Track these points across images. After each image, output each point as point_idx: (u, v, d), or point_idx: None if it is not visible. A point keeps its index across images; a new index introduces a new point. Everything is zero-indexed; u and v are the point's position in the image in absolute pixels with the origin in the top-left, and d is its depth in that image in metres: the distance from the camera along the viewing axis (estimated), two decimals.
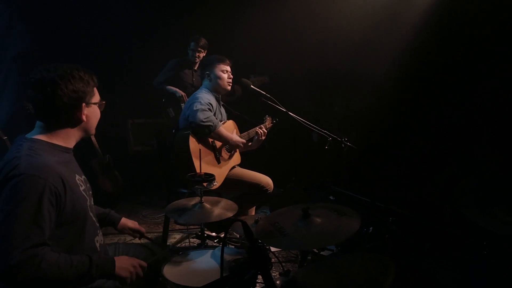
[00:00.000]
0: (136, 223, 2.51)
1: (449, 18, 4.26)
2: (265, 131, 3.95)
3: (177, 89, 5.30)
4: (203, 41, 5.30)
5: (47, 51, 4.91)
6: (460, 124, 4.30)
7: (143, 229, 2.52)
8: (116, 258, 1.86)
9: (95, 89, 1.96)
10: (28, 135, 1.85)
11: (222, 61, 3.77)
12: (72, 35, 5.26)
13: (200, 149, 2.98)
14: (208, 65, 3.82)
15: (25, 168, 1.65)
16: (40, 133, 1.85)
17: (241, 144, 3.77)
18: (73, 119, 1.89)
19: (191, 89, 5.40)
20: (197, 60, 5.39)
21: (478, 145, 4.06)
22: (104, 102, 2.03)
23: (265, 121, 4.18)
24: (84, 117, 1.90)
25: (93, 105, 1.95)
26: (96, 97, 1.97)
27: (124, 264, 1.87)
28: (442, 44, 4.35)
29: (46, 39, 5.07)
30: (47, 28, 5.15)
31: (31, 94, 1.80)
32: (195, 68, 5.47)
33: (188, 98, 5.08)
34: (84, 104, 1.88)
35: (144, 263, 1.96)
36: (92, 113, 1.96)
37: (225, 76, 3.82)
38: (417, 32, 4.46)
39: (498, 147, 3.89)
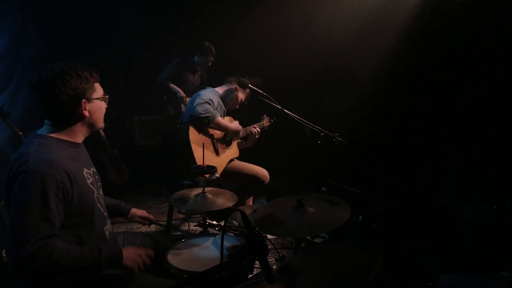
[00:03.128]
0: (144, 211, 2.50)
1: (437, 19, 4.26)
2: (259, 130, 4.01)
3: (179, 90, 5.27)
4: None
5: (58, 53, 4.89)
6: (443, 121, 4.31)
7: (151, 216, 2.52)
8: (124, 249, 1.85)
9: (96, 84, 1.89)
10: (39, 131, 1.83)
11: (248, 95, 3.80)
12: (81, 37, 5.23)
13: (203, 142, 2.99)
14: (243, 85, 3.80)
15: (33, 164, 1.64)
16: (49, 130, 1.83)
17: (240, 131, 3.81)
18: (76, 116, 1.84)
19: (191, 88, 5.42)
20: (210, 64, 5.45)
21: (459, 141, 4.07)
22: (107, 96, 1.96)
23: (263, 120, 4.21)
24: (86, 113, 1.84)
25: (95, 100, 1.88)
26: (98, 92, 1.90)
27: (131, 255, 1.86)
28: (426, 44, 4.35)
29: (57, 41, 5.04)
30: (58, 31, 5.13)
31: (33, 95, 1.78)
32: (198, 69, 5.47)
33: (188, 97, 5.14)
34: (84, 100, 1.82)
35: (151, 252, 1.95)
36: (95, 108, 1.89)
37: (237, 103, 3.98)
38: (405, 33, 4.46)
39: (478, 143, 3.90)
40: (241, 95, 3.96)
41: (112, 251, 1.82)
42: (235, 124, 3.85)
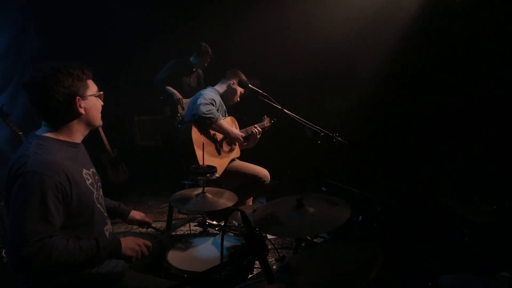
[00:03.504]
0: (143, 215, 2.48)
1: (437, 19, 4.26)
2: (260, 130, 3.99)
3: (175, 91, 5.27)
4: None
5: (58, 53, 4.89)
6: (443, 121, 4.31)
7: (150, 220, 2.51)
8: (122, 239, 1.85)
9: (89, 81, 1.88)
10: (37, 132, 1.83)
11: (247, 87, 3.77)
12: (81, 38, 5.23)
13: (203, 142, 3.00)
14: (244, 85, 3.79)
15: (32, 166, 1.63)
16: (47, 130, 1.83)
17: (240, 138, 3.80)
18: (72, 114, 1.83)
19: (188, 89, 5.43)
20: (206, 65, 5.45)
21: (459, 141, 4.07)
22: (101, 92, 1.95)
23: (263, 121, 4.22)
24: (82, 110, 1.83)
25: (90, 97, 1.87)
26: (92, 89, 1.89)
27: (130, 244, 1.86)
28: (426, 44, 4.35)
29: (57, 41, 5.04)
30: (58, 31, 5.13)
31: (27, 96, 1.77)
32: (193, 69, 5.48)
33: (185, 98, 5.18)
34: (78, 97, 1.81)
35: (148, 243, 1.95)
36: (90, 105, 1.88)
37: (237, 98, 3.99)
38: (405, 33, 4.46)
39: (478, 143, 3.90)
40: (239, 88, 3.95)
41: (110, 240, 1.82)
42: (236, 130, 3.84)
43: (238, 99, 4.02)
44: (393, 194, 3.84)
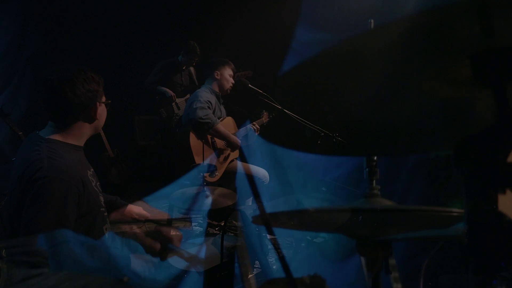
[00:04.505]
0: (140, 208, 2.48)
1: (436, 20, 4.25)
2: (258, 127, 3.97)
3: (166, 89, 5.30)
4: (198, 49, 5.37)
5: (58, 53, 4.90)
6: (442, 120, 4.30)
7: (148, 214, 2.50)
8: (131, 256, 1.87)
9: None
10: (42, 134, 1.81)
11: (230, 65, 3.75)
12: (81, 37, 5.24)
13: (203, 144, 2.99)
14: (217, 65, 3.78)
15: (49, 170, 1.63)
16: (54, 132, 1.81)
17: (238, 143, 3.77)
18: (88, 118, 1.86)
19: (180, 88, 5.46)
20: (194, 63, 5.46)
21: (460, 140, 4.06)
22: (110, 101, 1.99)
23: (262, 116, 4.21)
24: (98, 115, 1.87)
25: (102, 104, 1.92)
26: (104, 97, 1.94)
27: (138, 258, 1.88)
28: (425, 44, 4.34)
29: (58, 42, 5.05)
30: (60, 32, 5.14)
31: (45, 94, 1.76)
32: (183, 68, 5.49)
33: (178, 98, 5.19)
34: (98, 103, 1.85)
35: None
36: (102, 112, 1.93)
37: (230, 80, 3.89)
38: (405, 33, 4.45)
39: (477, 142, 3.89)
40: (226, 74, 3.88)
41: (120, 256, 1.82)
42: (234, 136, 3.82)
43: (233, 82, 3.94)
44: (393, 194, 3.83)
